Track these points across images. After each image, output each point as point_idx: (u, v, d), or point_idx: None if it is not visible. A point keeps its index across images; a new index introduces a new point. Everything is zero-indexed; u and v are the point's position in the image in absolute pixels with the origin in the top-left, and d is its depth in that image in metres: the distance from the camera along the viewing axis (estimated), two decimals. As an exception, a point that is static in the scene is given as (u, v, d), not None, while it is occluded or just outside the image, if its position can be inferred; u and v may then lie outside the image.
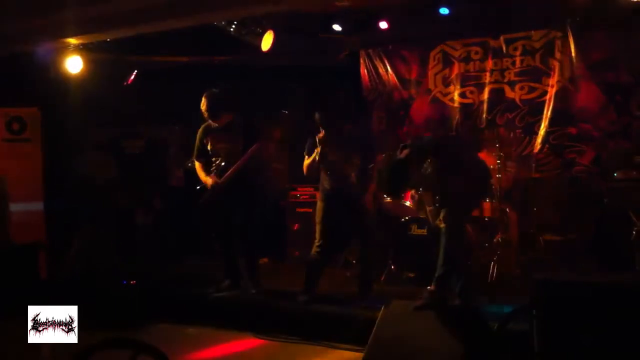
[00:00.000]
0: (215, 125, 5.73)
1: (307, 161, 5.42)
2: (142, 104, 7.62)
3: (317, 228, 5.42)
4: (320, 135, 5.25)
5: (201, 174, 5.78)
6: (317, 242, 5.39)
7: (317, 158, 5.30)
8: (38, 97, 6.92)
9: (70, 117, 6.98)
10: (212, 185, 5.63)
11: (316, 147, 5.28)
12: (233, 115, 5.72)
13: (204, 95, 5.65)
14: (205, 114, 5.67)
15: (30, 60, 6.24)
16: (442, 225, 4.69)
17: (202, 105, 5.64)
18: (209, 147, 5.76)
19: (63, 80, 6.66)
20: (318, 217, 5.44)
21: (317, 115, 5.26)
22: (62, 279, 6.32)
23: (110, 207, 7.37)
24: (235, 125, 5.70)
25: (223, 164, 5.67)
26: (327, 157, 5.29)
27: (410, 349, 4.19)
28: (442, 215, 4.71)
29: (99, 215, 7.11)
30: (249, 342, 5.09)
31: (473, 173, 4.89)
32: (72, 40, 6.09)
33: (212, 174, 5.68)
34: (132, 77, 7.62)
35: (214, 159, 5.76)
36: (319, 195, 5.54)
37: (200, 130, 5.84)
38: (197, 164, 5.85)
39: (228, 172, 5.60)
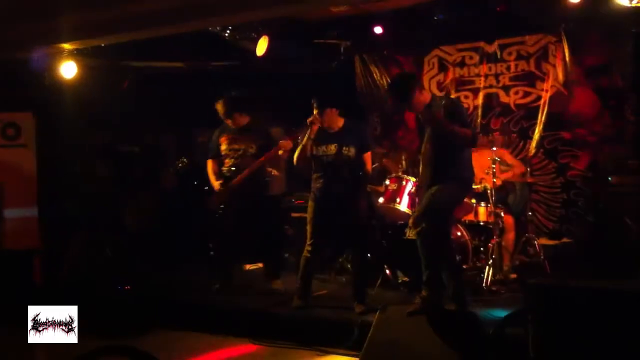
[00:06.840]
0: (231, 126, 5.89)
1: (297, 149, 5.31)
2: (137, 109, 7.60)
3: (308, 228, 5.36)
4: (311, 118, 5.12)
5: (211, 176, 5.96)
6: (308, 242, 5.34)
7: (307, 146, 5.18)
8: (33, 103, 6.88)
9: (65, 122, 6.96)
10: (218, 191, 5.83)
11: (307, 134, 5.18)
12: (250, 118, 5.91)
13: (221, 97, 5.84)
14: (221, 114, 5.86)
15: (25, 66, 6.22)
16: (414, 231, 4.52)
17: (217, 105, 5.84)
18: (222, 147, 5.91)
19: (58, 85, 6.65)
20: (308, 217, 5.37)
21: (313, 100, 5.18)
22: (57, 284, 6.29)
23: (105, 212, 7.35)
24: (251, 127, 5.86)
25: (233, 168, 5.82)
26: (319, 146, 5.20)
27: (406, 354, 4.19)
28: (411, 219, 4.54)
29: (93, 221, 7.09)
30: (245, 348, 5.07)
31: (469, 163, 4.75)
32: (67, 46, 6.09)
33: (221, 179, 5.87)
34: (126, 84, 7.64)
35: (226, 160, 5.90)
36: (310, 194, 5.43)
37: (217, 130, 6.01)
38: (209, 163, 6.00)
39: (243, 174, 5.75)
